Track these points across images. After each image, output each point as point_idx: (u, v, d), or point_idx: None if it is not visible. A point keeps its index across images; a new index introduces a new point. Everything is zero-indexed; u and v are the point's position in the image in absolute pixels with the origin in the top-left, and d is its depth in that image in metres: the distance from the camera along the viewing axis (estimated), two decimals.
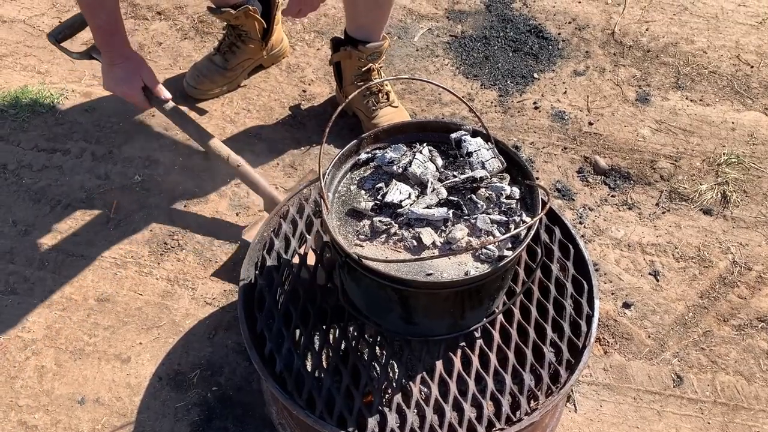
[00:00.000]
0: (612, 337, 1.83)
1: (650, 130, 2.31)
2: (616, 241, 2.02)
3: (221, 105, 2.38)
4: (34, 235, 2.03)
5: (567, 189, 2.14)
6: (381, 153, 1.38)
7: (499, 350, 1.42)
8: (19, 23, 2.66)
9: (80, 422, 1.68)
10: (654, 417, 1.69)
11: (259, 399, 1.70)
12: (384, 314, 1.37)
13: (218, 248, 1.99)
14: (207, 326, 1.84)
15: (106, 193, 2.13)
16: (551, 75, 2.48)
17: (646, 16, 2.70)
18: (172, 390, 1.73)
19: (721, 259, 1.98)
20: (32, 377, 1.75)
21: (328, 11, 2.71)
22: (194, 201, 2.11)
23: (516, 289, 1.50)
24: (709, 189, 2.13)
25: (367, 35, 2.09)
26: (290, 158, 2.22)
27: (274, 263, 1.57)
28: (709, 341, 1.82)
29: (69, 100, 2.38)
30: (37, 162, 2.20)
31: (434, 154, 1.36)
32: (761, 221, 2.07)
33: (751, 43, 2.59)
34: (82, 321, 1.85)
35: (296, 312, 1.47)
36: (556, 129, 2.31)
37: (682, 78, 2.47)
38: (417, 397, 1.36)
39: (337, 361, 1.40)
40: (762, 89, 2.43)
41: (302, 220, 1.65)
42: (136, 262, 1.97)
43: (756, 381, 1.75)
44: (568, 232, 1.59)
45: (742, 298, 1.90)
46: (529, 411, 1.33)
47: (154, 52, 2.56)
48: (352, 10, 2.06)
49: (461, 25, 2.67)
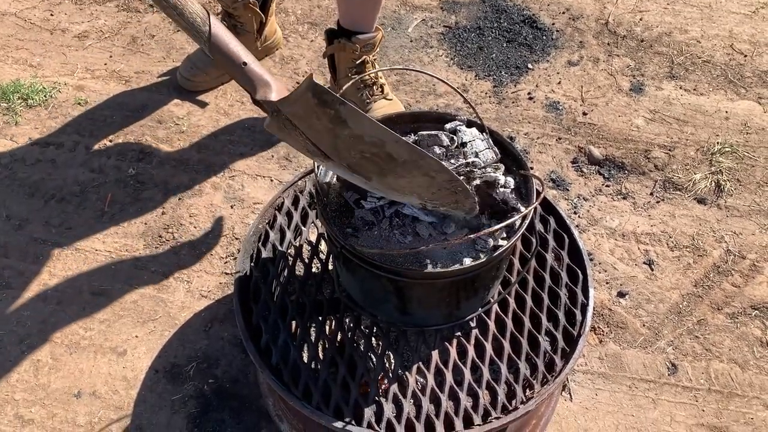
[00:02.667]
0: (607, 326, 1.83)
1: (644, 119, 2.31)
2: (610, 231, 2.02)
3: (215, 97, 2.37)
4: (28, 229, 2.02)
5: (561, 179, 2.14)
6: None
7: (494, 339, 1.42)
8: (10, 16, 2.64)
9: (77, 415, 1.68)
10: (649, 405, 1.70)
11: (256, 391, 1.70)
12: (380, 305, 1.38)
13: (213, 241, 1.99)
14: (203, 319, 1.84)
15: (101, 187, 2.12)
16: (545, 65, 2.48)
17: (640, 6, 2.70)
18: (169, 383, 1.73)
19: (715, 247, 1.99)
20: (28, 371, 1.75)
21: (321, 2, 2.70)
22: (189, 194, 2.10)
23: (511, 279, 1.50)
24: (703, 178, 2.14)
25: (360, 26, 2.09)
26: (285, 150, 2.21)
27: (269, 255, 1.57)
28: (704, 329, 1.83)
29: (62, 93, 2.37)
30: (30, 156, 2.20)
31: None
32: (755, 210, 2.08)
33: (745, 32, 2.59)
34: (77, 314, 1.85)
35: (292, 304, 1.47)
36: (550, 119, 2.31)
37: (676, 67, 2.47)
38: (413, 387, 1.36)
39: (333, 353, 1.40)
40: (755, 78, 2.43)
41: (297, 212, 1.65)
42: (131, 255, 1.96)
43: (750, 368, 1.76)
44: (563, 222, 1.59)
45: (736, 287, 1.91)
46: (524, 399, 1.34)
47: (147, 44, 2.54)
48: (345, 1, 2.06)
49: (455, 15, 2.67)
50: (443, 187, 1.15)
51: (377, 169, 1.14)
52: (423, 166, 1.11)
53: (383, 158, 1.11)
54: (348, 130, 1.07)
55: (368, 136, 1.07)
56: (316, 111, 1.05)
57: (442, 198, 1.18)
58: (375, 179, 1.18)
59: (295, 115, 1.09)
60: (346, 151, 1.12)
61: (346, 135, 1.08)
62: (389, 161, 1.11)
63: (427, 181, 1.14)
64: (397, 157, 1.10)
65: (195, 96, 2.36)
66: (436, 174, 1.12)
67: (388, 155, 1.10)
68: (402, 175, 1.14)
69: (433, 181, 1.14)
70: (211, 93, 2.38)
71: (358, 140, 1.09)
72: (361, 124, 1.06)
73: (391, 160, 1.11)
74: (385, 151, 1.09)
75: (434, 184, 1.14)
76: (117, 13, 2.66)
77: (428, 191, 1.17)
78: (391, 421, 1.32)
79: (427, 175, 1.13)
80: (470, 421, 1.32)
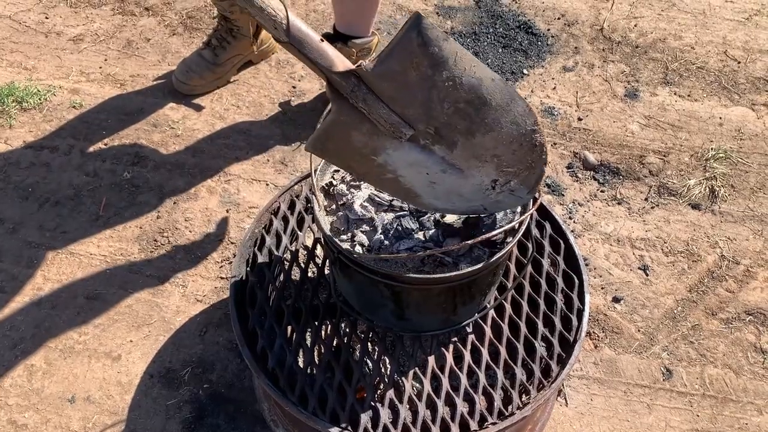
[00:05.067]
0: (602, 331, 1.84)
1: (639, 125, 2.32)
2: (605, 236, 2.03)
3: (210, 101, 2.37)
4: (22, 233, 2.01)
5: (557, 184, 2.15)
6: None
7: (490, 345, 1.42)
8: (5, 19, 2.63)
9: (70, 421, 1.67)
10: (644, 410, 1.70)
11: (251, 396, 1.70)
12: (376, 310, 1.38)
13: (208, 245, 1.99)
14: (198, 323, 1.83)
15: (95, 191, 2.11)
16: (540, 71, 2.49)
17: (635, 12, 2.72)
18: (163, 387, 1.72)
19: (709, 253, 2.00)
20: (21, 376, 1.74)
21: (317, 7, 2.70)
22: (184, 198, 2.10)
23: (507, 285, 1.51)
24: (697, 184, 2.15)
25: (356, 31, 2.09)
26: (280, 155, 2.21)
27: (265, 260, 1.57)
28: (698, 335, 1.84)
29: (56, 96, 2.36)
30: (24, 159, 2.19)
31: None
32: (749, 215, 2.09)
33: (738, 39, 2.61)
34: (71, 319, 1.84)
35: (288, 308, 1.47)
36: (545, 124, 2.32)
37: (671, 74, 2.48)
38: (409, 392, 1.36)
39: (329, 358, 1.40)
40: (749, 85, 2.45)
41: (294, 217, 1.65)
42: (126, 259, 1.96)
43: (744, 374, 1.77)
44: (559, 228, 1.60)
45: (730, 292, 1.92)
46: (521, 405, 1.34)
47: (143, 48, 2.54)
48: (341, 5, 2.06)
49: (451, 21, 2.67)
50: (526, 139, 1.15)
51: (467, 126, 1.14)
52: (512, 111, 1.12)
53: (476, 105, 1.11)
54: (446, 72, 1.07)
55: (467, 76, 1.08)
56: (417, 56, 1.05)
57: (520, 160, 1.18)
58: (460, 144, 1.16)
59: (385, 76, 1.08)
60: (438, 107, 1.11)
61: (443, 80, 1.08)
62: (482, 108, 1.11)
63: (514, 132, 1.14)
64: (491, 100, 1.10)
65: (190, 99, 2.36)
66: (522, 120, 1.13)
67: (482, 100, 1.10)
68: (490, 128, 1.14)
69: (519, 131, 1.14)
70: (206, 97, 2.37)
71: (455, 86, 1.08)
72: (462, 62, 1.06)
73: (484, 106, 1.11)
74: (480, 95, 1.10)
75: (519, 135, 1.15)
76: (112, 17, 2.66)
77: (510, 149, 1.16)
78: (388, 426, 1.32)
79: (515, 123, 1.13)
80: (467, 426, 1.32)
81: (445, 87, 1.08)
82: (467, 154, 1.17)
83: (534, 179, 1.20)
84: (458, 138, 1.15)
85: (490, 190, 1.21)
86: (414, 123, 1.13)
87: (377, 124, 1.12)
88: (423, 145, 1.16)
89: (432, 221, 1.28)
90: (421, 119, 1.13)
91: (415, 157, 1.18)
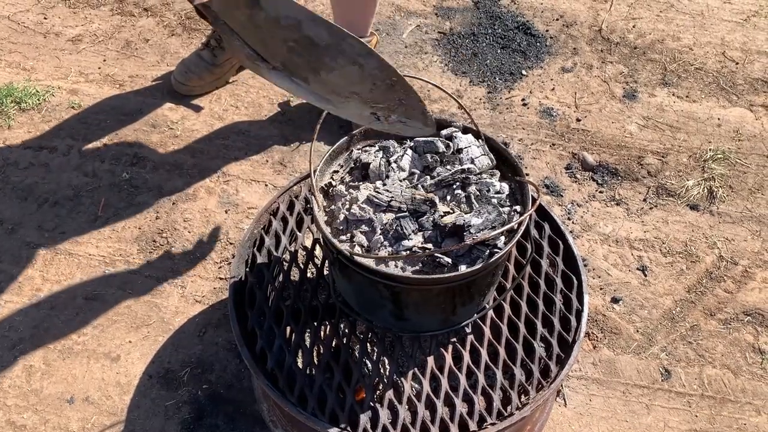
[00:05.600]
0: (601, 331, 1.84)
1: (637, 126, 2.32)
2: (604, 237, 2.03)
3: (209, 102, 2.37)
4: (21, 233, 2.01)
5: (555, 185, 2.15)
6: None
7: (489, 345, 1.43)
8: (3, 19, 2.63)
9: (69, 421, 1.67)
10: (642, 411, 1.71)
11: (250, 396, 1.70)
12: (375, 310, 1.38)
13: (207, 246, 1.99)
14: (197, 324, 1.83)
15: (94, 191, 2.11)
16: (539, 72, 2.49)
17: (633, 13, 2.72)
18: (162, 388, 1.72)
19: (707, 254, 2.00)
20: (20, 376, 1.74)
21: (316, 8, 2.70)
22: (183, 198, 2.10)
23: (506, 285, 1.51)
24: (695, 185, 2.15)
25: (355, 31, 2.09)
26: (279, 155, 2.21)
27: (264, 260, 1.57)
28: (697, 335, 1.84)
29: (55, 97, 2.36)
30: (23, 159, 2.18)
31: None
32: (747, 216, 2.09)
33: (737, 40, 2.61)
34: (70, 319, 1.84)
35: (287, 309, 1.47)
36: (544, 125, 2.32)
37: (669, 75, 2.49)
38: (408, 393, 1.36)
39: (328, 358, 1.40)
40: (747, 86, 2.45)
41: (293, 217, 1.65)
42: (125, 260, 1.96)
43: (742, 374, 1.77)
44: (558, 228, 1.60)
45: (728, 293, 1.92)
46: (520, 406, 1.34)
47: (141, 48, 2.54)
48: (340, 6, 2.06)
49: (450, 21, 2.68)
50: (377, 80, 1.11)
51: (307, 64, 1.12)
52: (346, 50, 1.08)
53: (305, 45, 1.08)
54: (263, 13, 1.05)
55: (283, 18, 1.06)
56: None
57: (384, 98, 1.15)
58: (311, 80, 1.14)
59: (225, 14, 1.08)
60: (274, 45, 1.10)
61: (263, 21, 1.06)
62: (312, 49, 1.08)
63: (358, 73, 1.11)
64: (318, 41, 1.07)
65: (189, 100, 2.36)
66: (363, 60, 1.09)
67: (308, 40, 1.07)
68: (332, 68, 1.11)
69: (364, 72, 1.11)
70: (205, 97, 2.37)
71: (276, 25, 1.07)
72: (273, 3, 1.04)
73: (314, 47, 1.08)
74: (304, 35, 1.07)
75: (366, 76, 1.11)
76: (111, 17, 2.66)
77: (365, 88, 1.13)
78: (387, 427, 1.32)
79: (355, 63, 1.09)
80: (466, 427, 1.32)
81: (268, 26, 1.07)
82: (326, 90, 1.16)
83: (417, 114, 1.18)
84: (307, 75, 1.14)
85: (377, 121, 1.19)
86: (265, 57, 1.13)
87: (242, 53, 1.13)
88: (287, 76, 1.16)
89: (431, 222, 1.28)
90: (267, 55, 1.13)
91: (288, 85, 1.18)
